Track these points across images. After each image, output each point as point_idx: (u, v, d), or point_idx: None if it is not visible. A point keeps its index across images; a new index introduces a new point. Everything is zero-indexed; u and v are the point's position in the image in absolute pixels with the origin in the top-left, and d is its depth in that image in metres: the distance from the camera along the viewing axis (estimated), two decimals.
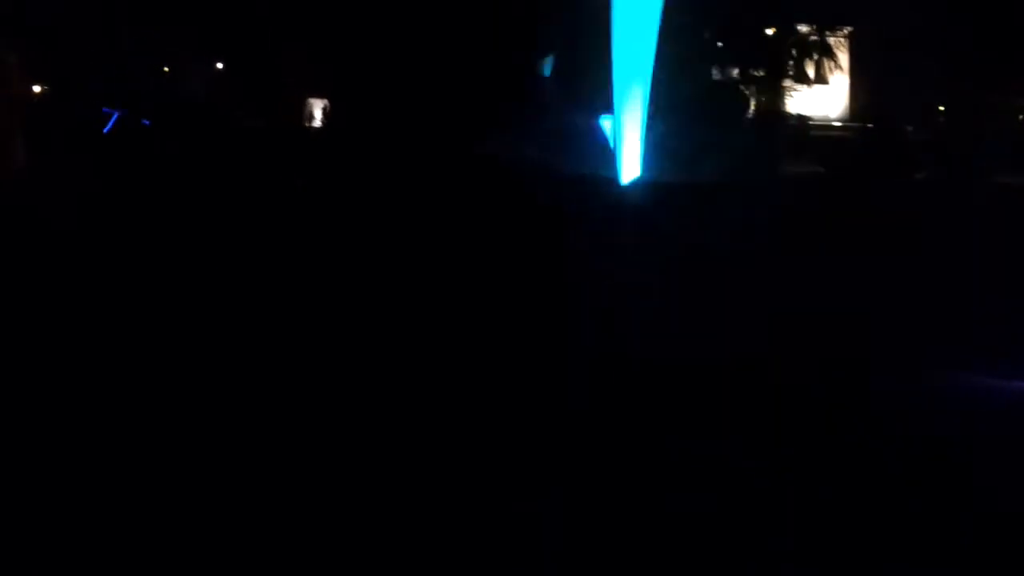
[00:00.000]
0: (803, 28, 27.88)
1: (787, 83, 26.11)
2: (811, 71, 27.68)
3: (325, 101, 22.30)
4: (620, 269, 9.18)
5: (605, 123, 16.58)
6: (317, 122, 22.44)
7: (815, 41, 27.13)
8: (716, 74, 25.58)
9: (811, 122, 26.57)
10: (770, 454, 6.03)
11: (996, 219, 11.01)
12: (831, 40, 29.23)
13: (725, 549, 4.92)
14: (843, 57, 32.53)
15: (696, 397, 6.86)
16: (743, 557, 4.88)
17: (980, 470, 5.79)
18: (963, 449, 6.14)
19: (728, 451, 5.90)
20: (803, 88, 26.93)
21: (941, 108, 30.86)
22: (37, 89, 21.49)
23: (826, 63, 28.48)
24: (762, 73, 26.43)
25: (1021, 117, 32.88)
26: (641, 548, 4.90)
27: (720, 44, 26.13)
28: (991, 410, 6.93)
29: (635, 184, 16.49)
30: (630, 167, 16.63)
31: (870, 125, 26.34)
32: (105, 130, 20.63)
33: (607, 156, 16.75)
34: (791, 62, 26.52)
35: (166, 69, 23.74)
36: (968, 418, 6.76)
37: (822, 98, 32.44)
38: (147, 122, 21.49)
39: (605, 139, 17.34)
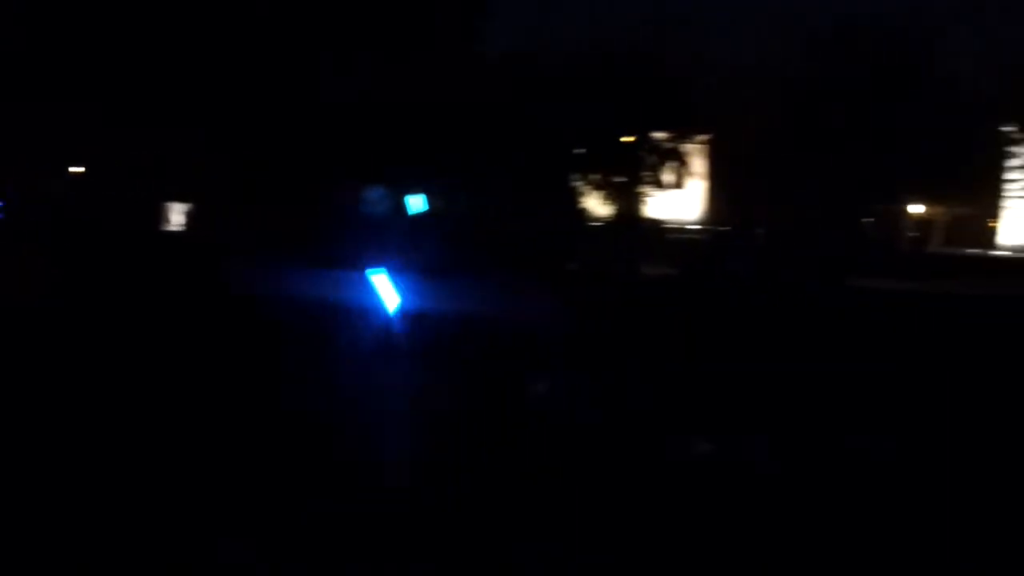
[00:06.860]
0: (660, 136, 28.96)
1: (643, 188, 27.02)
2: (667, 177, 28.68)
3: (185, 205, 22.20)
4: None
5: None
6: (175, 226, 22.30)
7: (671, 149, 28.22)
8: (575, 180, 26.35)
9: (667, 225, 27.46)
10: None
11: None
12: (688, 147, 30.43)
13: None
14: (700, 163, 33.82)
15: None
16: None
17: None
18: None
19: None
20: (659, 193, 27.88)
21: (793, 211, 32.28)
22: None
23: (681, 170, 29.59)
24: (622, 179, 27.34)
25: (864, 220, 34.55)
26: None
27: (580, 151, 27.00)
28: None
29: None
30: None
31: (724, 228, 27.34)
32: None
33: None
34: (648, 169, 27.50)
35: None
36: None
37: (680, 202, 33.59)
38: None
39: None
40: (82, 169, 24.79)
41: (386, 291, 7.38)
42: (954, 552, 6.17)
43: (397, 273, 7.37)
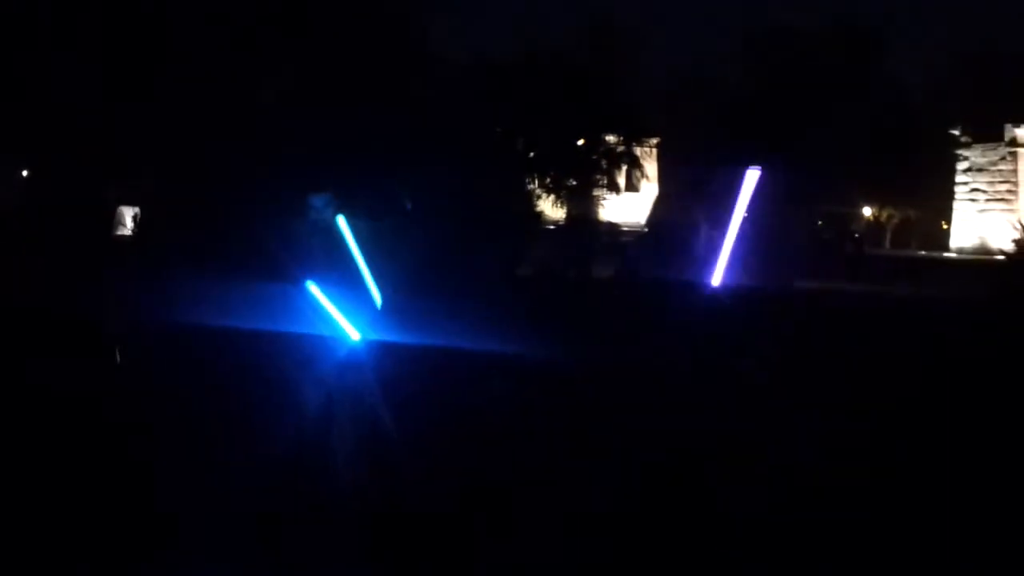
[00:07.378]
0: (612, 139, 29.21)
1: (596, 192, 27.26)
2: (620, 180, 28.96)
3: (136, 209, 22.11)
4: None
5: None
6: (127, 230, 22.22)
7: (623, 152, 28.46)
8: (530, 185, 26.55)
9: (621, 228, 27.71)
10: None
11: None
12: (640, 151, 30.71)
13: None
14: (652, 166, 34.03)
15: None
16: None
17: None
18: None
19: None
20: (613, 196, 28.15)
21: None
22: None
23: (635, 173, 29.87)
24: (574, 183, 27.59)
25: (819, 223, 35.10)
26: None
27: (533, 155, 27.23)
28: None
29: None
30: None
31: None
32: None
33: None
34: (601, 173, 27.72)
35: None
36: None
37: (634, 205, 33.79)
38: None
39: None
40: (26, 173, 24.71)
41: (331, 311, 7.04)
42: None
43: (338, 287, 7.29)
